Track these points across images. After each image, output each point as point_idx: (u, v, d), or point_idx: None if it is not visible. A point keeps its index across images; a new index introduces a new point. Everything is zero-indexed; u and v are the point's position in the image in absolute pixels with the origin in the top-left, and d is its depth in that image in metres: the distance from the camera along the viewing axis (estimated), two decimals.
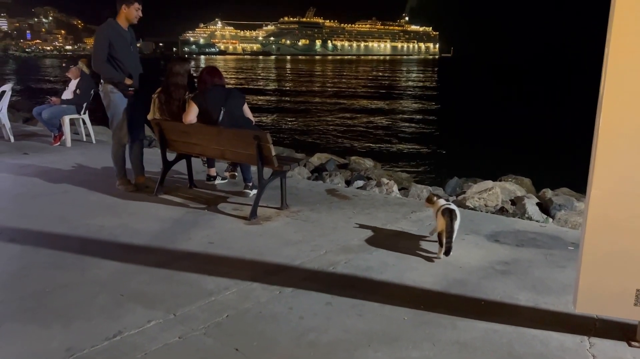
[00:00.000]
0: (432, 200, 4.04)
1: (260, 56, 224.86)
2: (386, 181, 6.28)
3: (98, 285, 3.22)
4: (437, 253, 3.79)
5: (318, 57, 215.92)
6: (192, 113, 5.01)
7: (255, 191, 5.17)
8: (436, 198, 4.06)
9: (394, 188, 6.13)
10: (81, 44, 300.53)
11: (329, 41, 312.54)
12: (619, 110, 2.39)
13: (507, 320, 2.85)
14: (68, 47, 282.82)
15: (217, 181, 5.81)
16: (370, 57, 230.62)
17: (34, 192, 5.36)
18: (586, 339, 2.66)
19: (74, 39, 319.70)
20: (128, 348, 2.53)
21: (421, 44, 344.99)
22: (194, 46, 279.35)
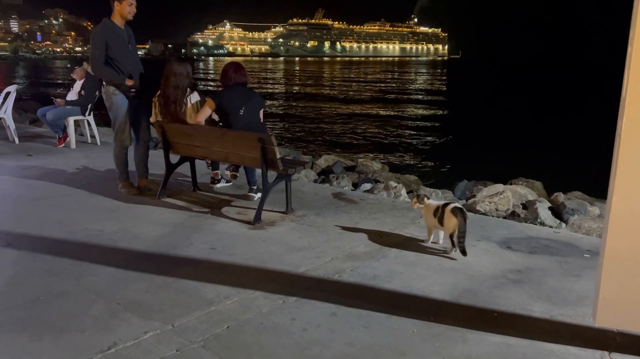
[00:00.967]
0: (423, 201, 3.90)
1: (269, 58, 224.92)
2: (394, 184, 6.12)
3: (94, 293, 3.10)
4: (448, 251, 3.71)
5: (327, 59, 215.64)
6: (204, 114, 4.90)
7: (259, 194, 5.05)
8: (427, 198, 3.94)
9: (402, 191, 5.98)
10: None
11: (338, 42, 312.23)
12: None
13: (521, 333, 2.70)
14: (78, 49, 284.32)
15: (222, 184, 5.69)
16: (379, 59, 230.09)
17: (35, 195, 5.26)
18: (607, 354, 2.51)
19: (84, 41, 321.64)
20: None
21: (430, 46, 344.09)
22: (203, 48, 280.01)
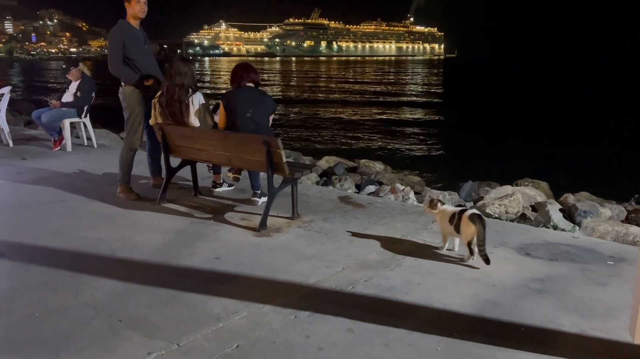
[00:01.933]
0: (437, 206, 3.72)
1: (265, 58, 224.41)
2: (401, 187, 5.94)
3: (93, 309, 2.90)
4: (465, 259, 3.54)
5: (323, 59, 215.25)
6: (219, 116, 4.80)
7: (263, 199, 4.85)
8: (440, 203, 3.75)
9: (411, 194, 5.80)
10: (86, 47, 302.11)
11: (334, 42, 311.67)
12: None
13: (553, 350, 2.52)
14: (73, 50, 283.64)
15: (223, 188, 5.48)
16: (375, 58, 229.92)
17: (29, 201, 5.05)
18: None
19: (79, 42, 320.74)
20: None
21: (426, 45, 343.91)
22: (198, 48, 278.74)
